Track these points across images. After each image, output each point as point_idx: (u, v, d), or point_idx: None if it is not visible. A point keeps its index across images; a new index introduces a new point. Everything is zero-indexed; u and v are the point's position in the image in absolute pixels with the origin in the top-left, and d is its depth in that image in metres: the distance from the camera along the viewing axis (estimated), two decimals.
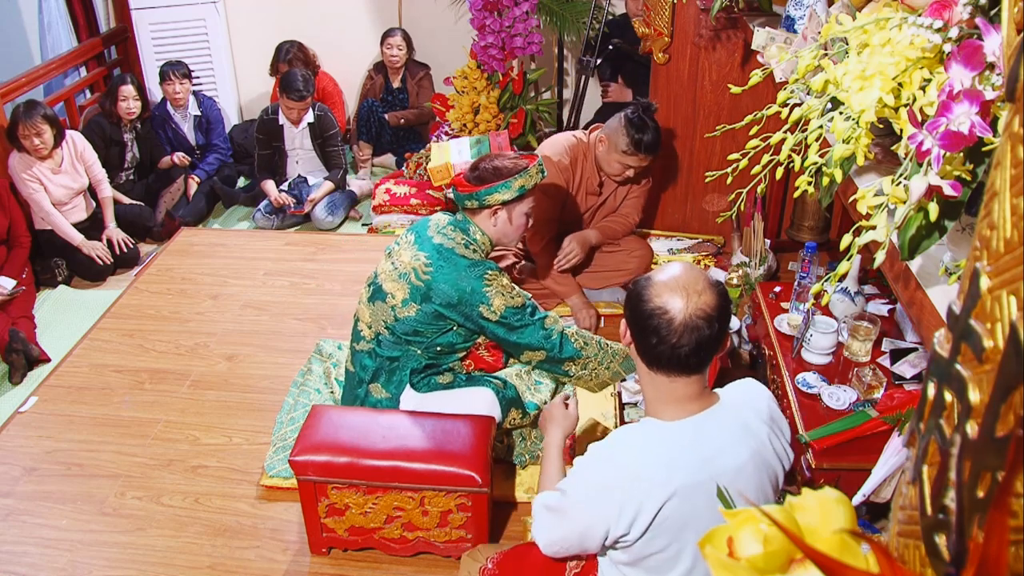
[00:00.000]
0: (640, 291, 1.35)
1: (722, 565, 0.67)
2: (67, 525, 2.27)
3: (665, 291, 1.32)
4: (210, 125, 4.45)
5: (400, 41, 4.55)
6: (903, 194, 1.05)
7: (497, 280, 2.20)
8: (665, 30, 3.10)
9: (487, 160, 2.26)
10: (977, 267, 0.59)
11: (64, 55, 4.41)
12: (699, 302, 1.30)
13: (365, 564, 2.14)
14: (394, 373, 2.31)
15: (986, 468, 0.54)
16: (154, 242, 4.03)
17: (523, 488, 2.33)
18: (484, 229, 2.27)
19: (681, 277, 1.33)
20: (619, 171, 2.96)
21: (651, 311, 1.32)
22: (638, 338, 1.37)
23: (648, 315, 1.32)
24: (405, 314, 2.22)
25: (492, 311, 2.18)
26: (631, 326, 1.39)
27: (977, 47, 0.95)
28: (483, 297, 2.17)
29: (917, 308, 1.24)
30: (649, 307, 1.32)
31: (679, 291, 1.31)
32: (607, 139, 2.92)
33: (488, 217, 2.25)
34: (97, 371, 2.91)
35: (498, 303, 2.18)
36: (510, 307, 2.19)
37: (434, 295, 2.18)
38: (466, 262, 2.20)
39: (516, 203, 2.24)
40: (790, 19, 2.11)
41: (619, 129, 2.86)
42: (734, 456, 1.35)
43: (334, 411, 2.20)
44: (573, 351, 2.25)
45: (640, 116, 2.83)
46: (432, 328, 2.24)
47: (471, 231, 2.26)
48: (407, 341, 2.26)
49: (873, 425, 1.93)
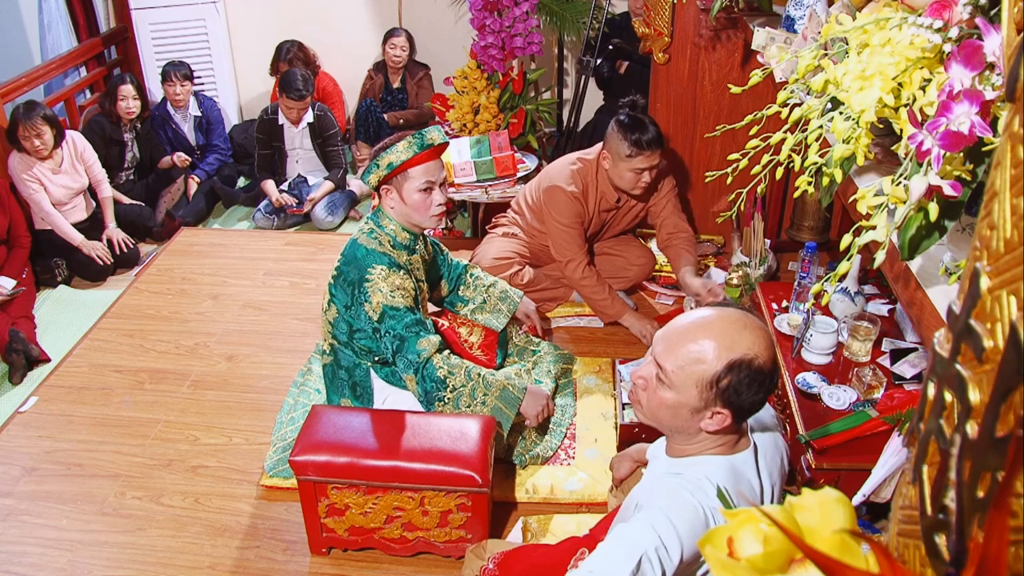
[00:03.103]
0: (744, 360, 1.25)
1: (722, 565, 0.67)
2: (67, 525, 2.27)
3: (755, 338, 1.27)
4: (210, 125, 4.45)
5: (403, 41, 4.55)
6: (903, 194, 1.05)
7: (382, 277, 2.13)
8: (665, 30, 3.10)
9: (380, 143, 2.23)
10: (977, 267, 0.59)
11: (64, 55, 4.41)
12: (774, 350, 1.30)
13: (365, 564, 2.14)
14: (356, 387, 2.31)
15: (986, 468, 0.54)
16: (154, 242, 4.03)
17: (523, 488, 2.33)
18: (388, 214, 2.24)
19: (754, 322, 1.30)
20: (633, 182, 2.77)
21: (749, 361, 1.25)
22: (738, 391, 1.26)
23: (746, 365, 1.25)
24: (332, 317, 2.24)
25: (372, 308, 2.13)
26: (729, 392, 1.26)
27: (977, 47, 0.95)
28: (365, 294, 2.13)
29: (917, 308, 1.23)
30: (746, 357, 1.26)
31: (765, 337, 1.28)
32: (609, 153, 2.79)
33: (385, 198, 2.22)
34: (97, 371, 2.91)
35: (376, 300, 2.12)
36: (388, 306, 2.12)
37: (336, 293, 2.19)
38: (363, 251, 2.17)
39: (401, 181, 2.17)
40: (790, 19, 2.11)
41: (615, 136, 2.74)
42: (767, 491, 1.38)
43: (334, 411, 2.20)
44: (437, 378, 2.12)
45: (631, 116, 2.72)
46: (350, 331, 2.22)
47: (379, 218, 2.24)
48: (351, 348, 2.26)
49: (873, 425, 1.93)
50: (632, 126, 2.71)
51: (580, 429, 2.55)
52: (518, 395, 2.18)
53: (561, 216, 2.86)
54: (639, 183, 2.78)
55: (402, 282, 2.15)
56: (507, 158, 3.71)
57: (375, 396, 2.31)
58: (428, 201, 2.19)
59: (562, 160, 3.00)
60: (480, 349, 2.53)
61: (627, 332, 3.06)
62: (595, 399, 2.68)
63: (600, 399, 2.68)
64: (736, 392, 1.26)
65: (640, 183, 2.78)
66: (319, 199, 4.13)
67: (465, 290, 2.66)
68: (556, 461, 2.42)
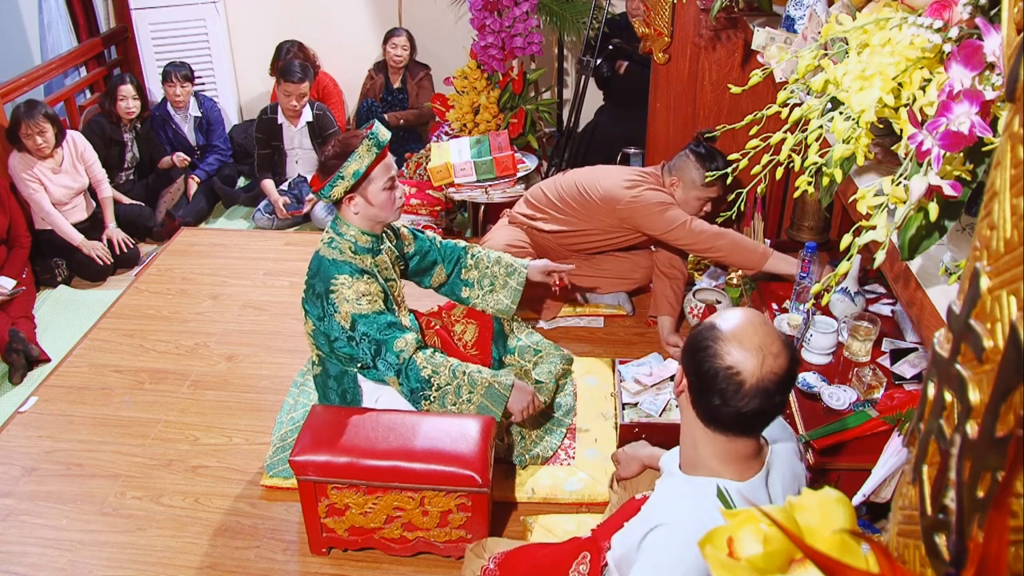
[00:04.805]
0: (708, 344, 1.22)
1: (722, 565, 0.67)
2: (67, 525, 2.27)
3: (737, 349, 1.20)
4: (210, 126, 4.45)
5: (404, 41, 4.55)
6: (903, 194, 1.05)
7: (346, 285, 2.10)
8: (665, 30, 3.10)
9: (329, 145, 2.15)
10: (977, 267, 0.59)
11: (64, 55, 4.41)
12: (773, 365, 1.19)
13: (365, 564, 2.14)
14: (345, 395, 2.30)
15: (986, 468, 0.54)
16: (154, 242, 4.03)
17: (523, 488, 2.33)
18: (348, 220, 2.19)
19: (756, 334, 1.21)
20: (698, 208, 2.88)
21: (721, 371, 1.20)
22: (698, 394, 1.25)
23: (716, 374, 1.20)
24: (310, 330, 2.23)
25: (342, 318, 2.10)
26: (692, 379, 1.26)
27: (977, 47, 0.95)
28: (333, 305, 2.10)
29: (917, 308, 1.23)
30: (719, 365, 1.20)
31: (754, 351, 1.19)
32: (680, 180, 2.87)
33: (347, 207, 2.17)
34: (97, 371, 2.91)
35: (345, 309, 2.10)
36: (355, 314, 2.09)
37: (309, 308, 2.18)
38: (326, 263, 2.14)
39: (364, 185, 2.14)
40: (790, 19, 2.11)
41: (692, 165, 2.83)
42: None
43: (334, 411, 2.20)
44: (421, 378, 2.10)
45: (707, 147, 2.84)
46: (329, 341, 2.19)
47: (339, 226, 2.20)
48: (334, 357, 2.24)
49: (873, 425, 1.93)
50: (709, 156, 2.82)
51: (580, 429, 2.55)
52: (504, 392, 2.16)
53: (657, 203, 2.82)
54: (701, 211, 2.90)
55: (367, 287, 2.13)
56: (507, 158, 3.71)
57: (367, 397, 2.30)
58: (393, 196, 2.18)
59: (614, 172, 3.01)
60: (474, 347, 2.53)
61: (627, 332, 3.06)
62: (595, 399, 2.68)
63: (600, 399, 2.68)
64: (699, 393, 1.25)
65: (702, 211, 2.91)
66: (317, 199, 4.13)
67: (468, 272, 2.54)
68: (556, 461, 2.42)
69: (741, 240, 2.77)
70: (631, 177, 2.93)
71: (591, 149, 4.13)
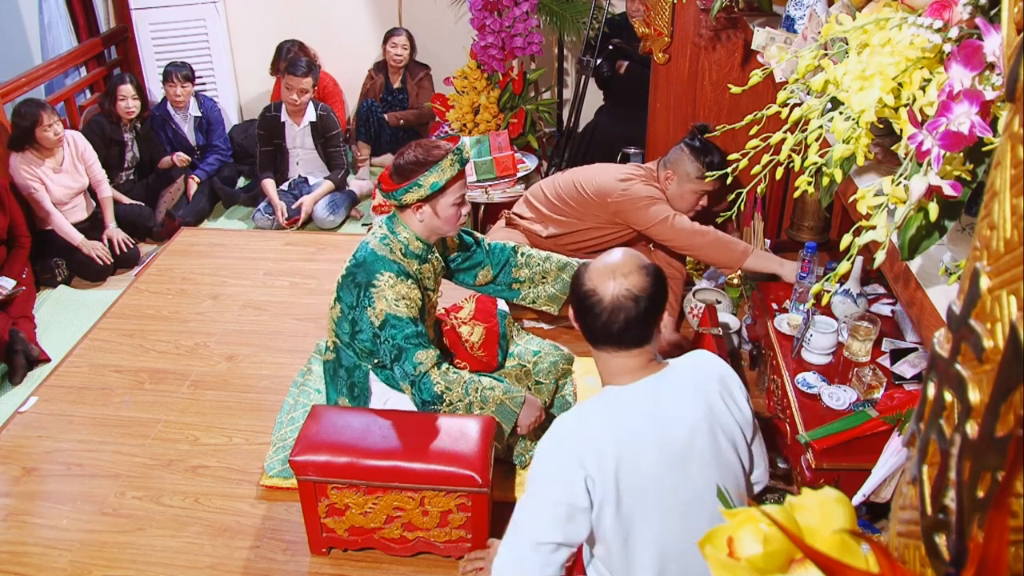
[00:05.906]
0: (579, 274, 1.50)
1: (722, 565, 0.67)
2: (67, 525, 2.27)
3: (597, 274, 1.46)
4: (210, 126, 4.45)
5: (404, 41, 4.55)
6: (903, 194, 1.05)
7: (389, 284, 2.11)
8: (665, 30, 3.10)
9: (409, 149, 2.15)
10: (977, 267, 0.59)
11: (64, 55, 4.41)
12: (625, 283, 1.43)
13: (365, 564, 2.14)
14: (354, 388, 2.31)
15: (986, 468, 0.54)
16: (154, 242, 4.03)
17: (523, 488, 2.33)
18: (409, 225, 2.20)
19: (613, 261, 1.47)
20: (693, 203, 2.87)
21: (585, 292, 1.46)
22: (579, 317, 1.50)
23: (583, 296, 1.46)
24: (336, 315, 2.24)
25: (375, 314, 2.11)
26: (573, 306, 1.52)
27: (977, 47, 0.95)
28: (370, 299, 2.11)
29: (917, 308, 1.23)
30: (584, 289, 1.47)
31: (608, 274, 1.45)
32: (674, 174, 2.86)
33: (413, 213, 2.18)
34: (97, 371, 2.91)
35: (380, 306, 2.10)
36: (390, 314, 2.10)
37: (342, 294, 2.19)
38: (373, 256, 2.15)
39: (437, 197, 2.14)
40: (790, 19, 2.11)
41: (686, 158, 2.82)
42: (685, 416, 1.43)
43: (334, 411, 2.20)
44: (434, 393, 2.11)
45: (702, 141, 2.83)
46: (352, 331, 2.21)
47: (395, 227, 2.21)
48: (352, 348, 2.25)
49: (873, 425, 1.93)
50: (705, 150, 2.81)
51: None
52: (515, 409, 2.19)
53: (645, 197, 2.83)
54: (696, 205, 2.89)
55: (408, 291, 2.14)
56: (507, 158, 3.71)
57: (376, 399, 2.31)
58: (459, 212, 2.21)
59: (611, 168, 3.01)
60: (481, 348, 2.53)
61: None
62: (592, 395, 2.67)
63: (595, 394, 2.67)
64: None
65: (697, 206, 2.90)
66: (312, 204, 4.13)
67: (518, 271, 2.56)
68: None
69: (722, 238, 2.77)
70: (625, 172, 2.94)
71: (591, 149, 4.13)
